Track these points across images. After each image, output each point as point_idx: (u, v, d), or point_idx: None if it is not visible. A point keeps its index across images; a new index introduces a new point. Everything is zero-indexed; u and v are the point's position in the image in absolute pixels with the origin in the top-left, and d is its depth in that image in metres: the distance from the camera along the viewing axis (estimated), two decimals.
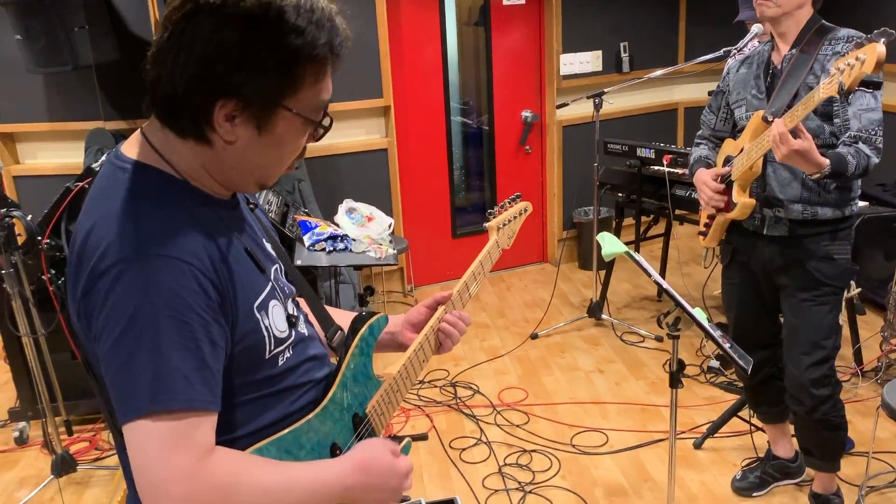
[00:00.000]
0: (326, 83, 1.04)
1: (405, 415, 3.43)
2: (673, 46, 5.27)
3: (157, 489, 0.94)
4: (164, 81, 0.98)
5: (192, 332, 0.95)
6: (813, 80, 2.18)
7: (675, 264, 4.77)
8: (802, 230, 2.29)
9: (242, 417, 1.07)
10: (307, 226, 3.22)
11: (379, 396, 1.29)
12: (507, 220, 1.57)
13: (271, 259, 1.18)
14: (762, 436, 3.04)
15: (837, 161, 2.06)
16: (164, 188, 1.02)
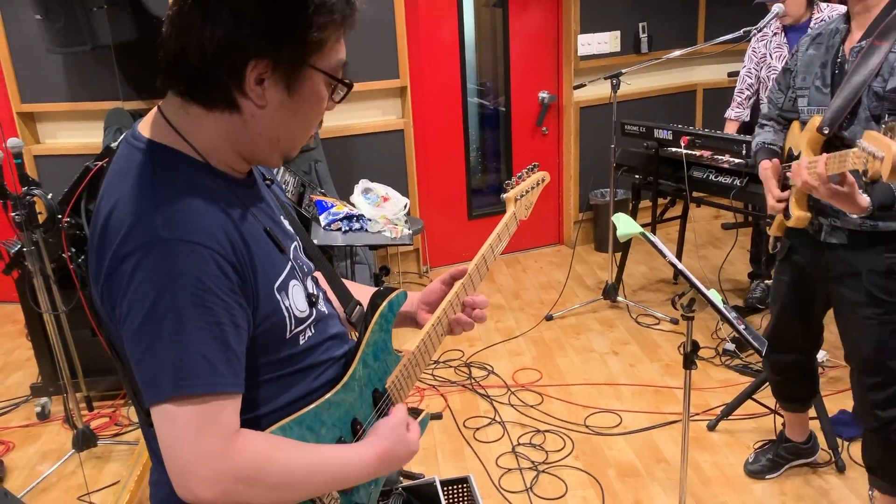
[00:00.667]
0: (342, 43, 1.07)
1: (420, 394, 3.46)
2: (692, 27, 5.20)
3: (185, 471, 0.96)
4: (192, 51, 0.98)
5: (214, 315, 0.96)
6: (879, 84, 1.93)
7: (691, 247, 4.75)
8: (862, 241, 2.08)
9: (265, 395, 1.09)
10: (323, 206, 3.23)
11: (398, 371, 1.30)
12: (525, 192, 1.56)
13: (290, 236, 1.19)
14: (778, 419, 3.04)
15: (883, 196, 1.86)
16: (181, 169, 1.02)
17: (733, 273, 4.47)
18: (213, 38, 0.96)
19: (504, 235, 1.49)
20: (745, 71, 3.93)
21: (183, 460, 0.96)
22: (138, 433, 3.23)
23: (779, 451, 2.75)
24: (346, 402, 1.19)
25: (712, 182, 3.70)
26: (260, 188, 1.17)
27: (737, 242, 4.28)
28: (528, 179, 1.57)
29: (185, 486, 0.96)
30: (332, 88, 1.08)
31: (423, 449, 3.07)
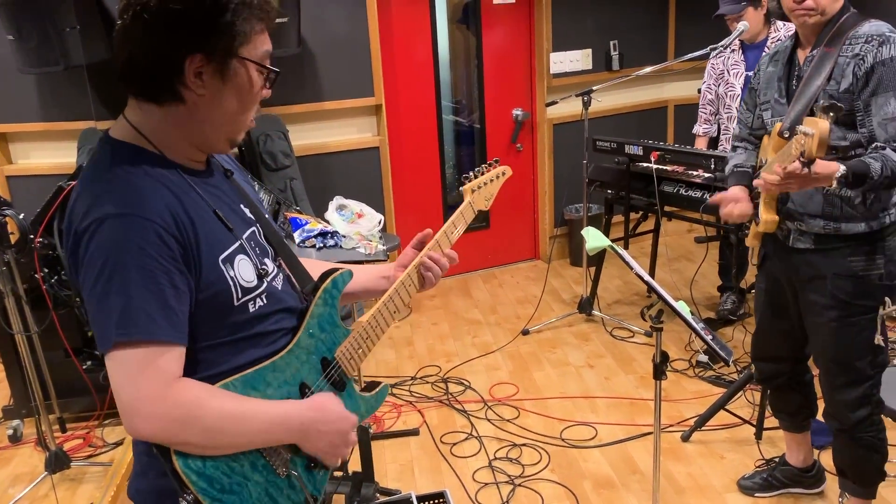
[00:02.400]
0: (266, 35, 1.24)
1: (397, 410, 3.46)
2: (662, 44, 5.31)
3: (128, 408, 1.13)
4: (137, 57, 1.16)
5: (154, 277, 1.12)
6: (833, 87, 2.03)
7: (664, 260, 4.82)
8: (827, 245, 2.14)
9: (217, 358, 1.23)
10: (297, 223, 3.25)
11: (348, 343, 1.43)
12: (483, 183, 1.68)
13: (247, 221, 1.34)
14: (749, 429, 3.09)
15: (856, 165, 1.90)
16: (137, 159, 1.19)
17: (706, 286, 4.53)
18: (153, 43, 1.14)
19: (459, 222, 1.64)
20: (705, 87, 4.02)
21: (127, 399, 1.12)
22: (113, 454, 3.20)
23: (774, 473, 2.71)
24: (293, 366, 1.32)
25: (682, 196, 3.76)
26: (217, 178, 1.33)
27: (708, 255, 4.34)
28: (487, 173, 1.69)
29: (129, 422, 1.13)
30: (263, 75, 1.24)
31: (399, 465, 3.07)
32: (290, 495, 1.32)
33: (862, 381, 2.21)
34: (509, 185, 5.68)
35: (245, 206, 1.36)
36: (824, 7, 2.04)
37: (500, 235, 5.25)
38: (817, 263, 2.18)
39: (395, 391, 3.65)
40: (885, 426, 2.30)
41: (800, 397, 2.55)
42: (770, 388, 2.62)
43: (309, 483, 1.36)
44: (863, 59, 1.99)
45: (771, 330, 2.48)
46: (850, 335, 2.18)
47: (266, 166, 4.09)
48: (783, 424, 2.66)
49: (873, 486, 2.36)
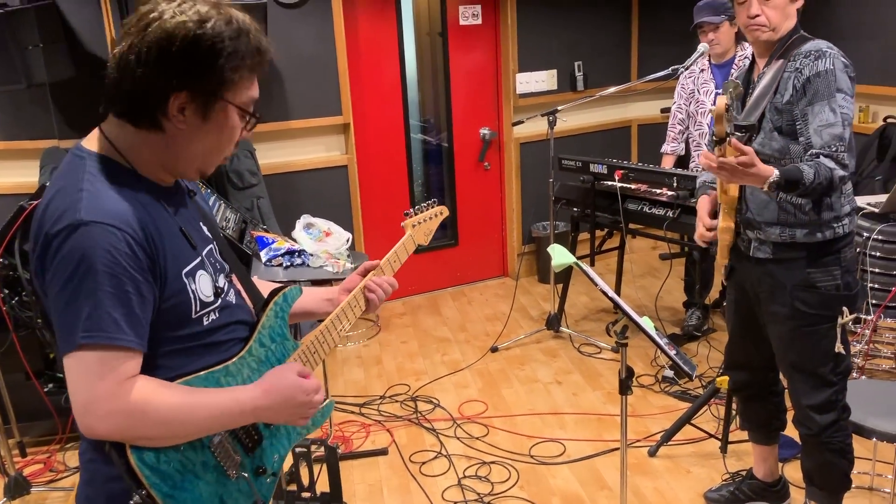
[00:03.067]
0: (255, 83, 1.30)
1: (365, 430, 3.44)
2: (626, 65, 5.41)
3: (84, 408, 1.16)
4: (127, 83, 1.21)
5: (122, 284, 1.16)
6: (778, 99, 2.14)
7: (629, 277, 4.88)
8: (784, 254, 2.21)
9: (173, 363, 1.28)
10: (264, 241, 3.23)
11: (296, 355, 1.50)
12: (422, 220, 1.84)
13: (205, 239, 1.41)
14: (714, 443, 3.13)
15: (789, 171, 1.99)
16: (110, 172, 1.24)
17: (671, 302, 4.60)
18: (144, 75, 1.19)
19: (401, 253, 1.77)
20: (675, 107, 4.11)
21: (82, 399, 1.16)
22: (74, 478, 3.13)
23: (741, 486, 2.74)
24: (244, 373, 1.39)
25: (646, 214, 3.83)
26: (183, 197, 1.39)
27: (672, 272, 4.42)
28: (427, 211, 1.86)
29: (84, 421, 1.17)
30: (244, 120, 1.30)
31: (368, 485, 3.06)
32: (238, 499, 1.37)
33: (826, 387, 2.27)
34: (477, 203, 5.70)
35: (204, 225, 1.43)
36: (776, 24, 2.15)
37: (468, 253, 5.28)
38: (778, 275, 2.25)
39: (364, 410, 3.63)
40: (854, 437, 2.35)
41: (770, 408, 2.60)
42: (741, 398, 2.66)
43: (257, 488, 1.41)
44: (801, 72, 2.10)
45: (742, 339, 2.53)
46: (811, 344, 2.24)
47: (233, 185, 4.07)
48: (752, 437, 2.70)
49: (839, 494, 2.40)
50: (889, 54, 3.67)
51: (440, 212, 1.91)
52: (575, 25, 5.12)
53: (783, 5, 2.15)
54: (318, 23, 4.34)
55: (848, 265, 2.21)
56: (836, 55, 2.10)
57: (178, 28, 1.19)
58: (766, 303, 2.32)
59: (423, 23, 4.90)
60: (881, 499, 2.75)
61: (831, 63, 2.08)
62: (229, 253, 1.49)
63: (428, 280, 5.15)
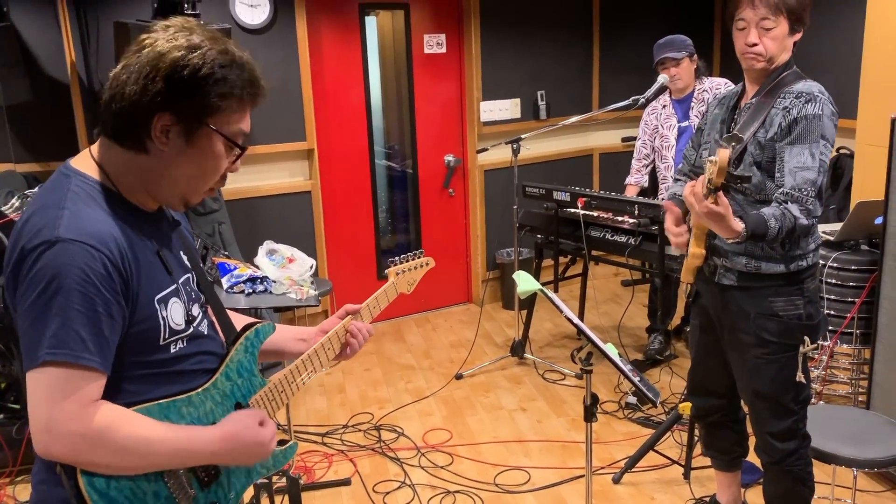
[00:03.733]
0: (246, 116, 1.31)
1: (328, 460, 3.39)
2: (587, 95, 5.51)
3: (42, 427, 1.15)
4: (117, 100, 1.23)
5: (93, 304, 1.16)
6: (762, 134, 2.15)
7: (592, 303, 4.92)
8: (749, 283, 2.23)
9: (137, 388, 1.27)
10: (226, 268, 3.19)
11: (262, 393, 1.48)
12: (406, 269, 1.84)
13: (184, 268, 1.40)
14: (677, 469, 3.15)
15: (756, 224, 2.00)
16: (93, 192, 1.25)
17: (633, 328, 4.64)
18: (132, 93, 1.22)
19: (382, 300, 1.76)
20: (640, 143, 4.19)
21: (43, 418, 1.14)
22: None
23: None
24: (207, 405, 1.36)
25: (609, 241, 3.87)
26: (165, 225, 1.39)
27: (634, 298, 4.46)
28: (413, 261, 1.85)
29: (41, 441, 1.16)
30: (229, 151, 1.31)
31: None
32: None
33: (787, 416, 2.29)
34: (442, 229, 5.71)
35: (184, 254, 1.43)
36: (772, 55, 2.16)
37: (433, 279, 5.24)
38: (741, 302, 2.27)
39: (327, 440, 3.57)
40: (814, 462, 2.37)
41: (733, 435, 2.61)
42: (704, 424, 2.66)
43: None
44: (789, 112, 2.12)
45: (706, 365, 2.54)
46: (772, 372, 2.26)
47: (194, 210, 4.01)
48: (715, 463, 2.71)
49: None
50: (841, 88, 3.80)
51: (426, 262, 1.90)
52: (538, 55, 5.20)
53: (782, 37, 2.15)
54: (282, 48, 4.33)
55: (811, 295, 2.25)
56: (826, 101, 2.12)
57: (169, 50, 1.22)
58: (730, 330, 2.34)
59: (388, 50, 4.93)
60: None
61: (820, 108, 2.10)
62: (207, 284, 1.48)
63: (392, 306, 5.06)
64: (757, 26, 2.14)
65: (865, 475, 2.99)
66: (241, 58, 1.28)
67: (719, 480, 2.73)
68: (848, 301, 3.26)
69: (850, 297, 3.26)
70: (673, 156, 4.01)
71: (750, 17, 2.14)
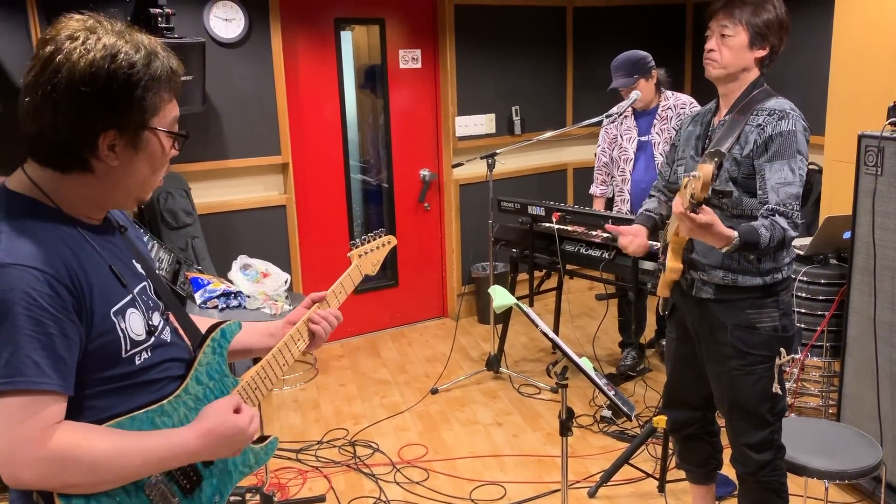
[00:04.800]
0: (174, 102, 1.30)
1: (302, 477, 3.35)
2: (561, 111, 5.56)
3: (6, 457, 1.12)
4: (48, 133, 1.18)
5: (44, 327, 1.13)
6: (738, 151, 2.18)
7: (567, 317, 4.94)
8: (726, 295, 2.26)
9: (104, 404, 1.24)
10: (199, 283, 3.15)
11: (235, 392, 1.45)
12: (369, 250, 1.82)
13: (138, 276, 1.37)
14: (652, 482, 3.16)
15: (748, 233, 2.03)
16: (33, 213, 1.21)
17: (607, 342, 4.66)
18: (66, 123, 1.17)
19: (347, 284, 1.74)
20: (599, 150, 4.23)
21: (4, 447, 1.11)
22: None
23: None
24: (180, 411, 1.34)
25: (583, 255, 3.90)
26: (113, 234, 1.36)
27: (608, 312, 4.49)
28: (374, 241, 1.84)
29: (7, 470, 1.13)
30: (172, 140, 1.30)
31: None
32: None
33: (763, 427, 2.31)
34: (418, 243, 5.69)
35: (137, 262, 1.40)
36: (727, 63, 2.22)
37: (408, 293, 5.26)
38: (718, 315, 2.29)
39: (301, 456, 3.54)
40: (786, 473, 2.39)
41: (708, 448, 2.62)
42: (679, 437, 2.67)
43: None
44: (763, 129, 2.16)
45: (682, 378, 2.56)
46: (749, 383, 2.28)
47: (167, 224, 3.97)
48: (690, 476, 2.72)
49: None
50: (809, 105, 3.89)
51: (388, 241, 1.88)
52: (512, 71, 5.24)
53: (738, 49, 2.21)
54: (257, 62, 4.32)
55: (786, 308, 2.28)
56: (798, 118, 2.17)
57: (89, 68, 1.15)
58: (707, 342, 2.36)
59: (363, 65, 4.93)
60: None
61: (793, 125, 2.15)
62: (165, 290, 1.45)
63: (367, 321, 5.10)
64: (717, 34, 2.24)
65: (836, 487, 3.02)
66: (154, 47, 1.24)
67: (694, 493, 2.74)
68: (818, 314, 3.31)
69: (819, 311, 3.31)
70: (630, 169, 4.04)
71: (714, 26, 2.26)
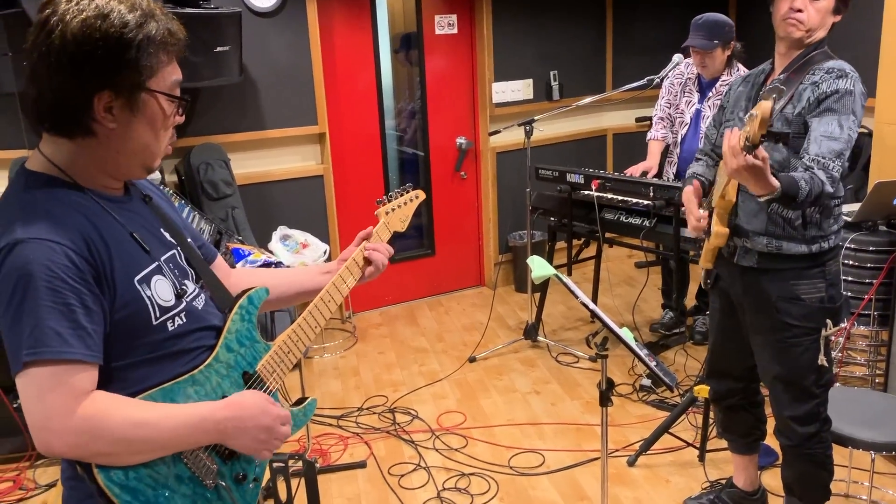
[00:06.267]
0: (175, 65, 1.28)
1: (343, 443, 3.41)
2: (601, 75, 5.45)
3: (39, 426, 1.14)
4: (45, 95, 1.19)
5: (64, 298, 1.14)
6: (790, 110, 2.12)
7: (606, 286, 4.90)
8: (769, 264, 2.21)
9: (137, 375, 1.25)
10: (240, 253, 3.19)
11: (269, 357, 1.46)
12: (396, 207, 1.79)
13: (167, 245, 1.38)
14: (692, 451, 3.14)
15: (788, 184, 1.95)
16: (50, 188, 1.22)
17: (647, 310, 4.62)
18: (60, 83, 1.17)
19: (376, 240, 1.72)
20: (663, 102, 4.07)
21: (37, 417, 1.13)
22: (45, 496, 3.06)
23: (720, 495, 2.73)
24: (213, 380, 1.35)
25: (623, 223, 3.84)
26: (136, 203, 1.37)
27: (649, 280, 4.44)
28: (400, 197, 1.81)
29: (41, 440, 1.14)
30: (173, 105, 1.28)
31: (346, 499, 3.02)
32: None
33: (809, 399, 2.27)
34: (454, 212, 5.66)
35: (165, 231, 1.40)
36: (813, 26, 2.12)
37: (445, 263, 5.27)
38: (763, 285, 2.24)
39: (342, 423, 3.59)
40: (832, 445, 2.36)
41: (751, 418, 2.59)
42: (722, 408, 2.64)
43: (239, 496, 1.37)
44: (818, 86, 2.08)
45: (725, 348, 2.52)
46: (794, 355, 2.24)
47: (207, 195, 4.02)
48: (732, 446, 2.70)
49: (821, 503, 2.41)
50: (860, 66, 3.76)
51: (416, 196, 1.85)
52: (550, 35, 5.14)
53: (825, 11, 2.11)
54: (293, 32, 4.31)
55: (833, 278, 2.22)
56: (857, 80, 2.09)
57: (82, 28, 1.15)
58: (751, 313, 2.32)
59: (398, 32, 4.89)
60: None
61: (852, 85, 2.06)
62: (197, 258, 1.45)
63: (405, 290, 5.12)
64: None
65: (883, 458, 2.97)
66: (151, 8, 1.23)
67: (736, 463, 2.72)
68: (866, 282, 3.23)
69: (867, 279, 3.23)
70: (684, 133, 3.95)
71: None
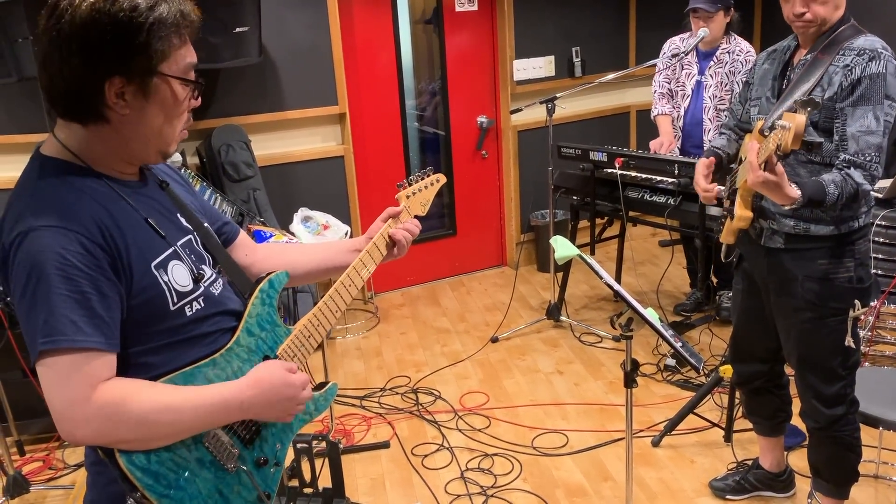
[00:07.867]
0: (189, 47, 1.25)
1: (367, 423, 3.42)
2: (624, 51, 5.36)
3: (60, 415, 1.14)
4: (57, 80, 1.17)
5: (78, 285, 1.13)
6: (819, 93, 2.04)
7: (630, 265, 4.86)
8: (797, 245, 2.16)
9: (158, 361, 1.25)
10: (262, 235, 3.20)
11: (290, 341, 1.46)
12: (417, 190, 1.78)
13: (183, 230, 1.37)
14: (718, 432, 3.11)
15: (814, 191, 1.94)
16: (64, 174, 1.21)
17: (671, 289, 4.57)
18: (70, 69, 1.16)
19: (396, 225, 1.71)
20: (662, 78, 3.99)
21: (57, 406, 1.13)
22: (74, 476, 3.11)
23: (747, 476, 2.72)
24: (233, 364, 1.35)
25: (647, 201, 3.79)
26: (151, 189, 1.35)
27: (673, 259, 4.39)
28: (421, 181, 1.79)
29: (64, 429, 1.15)
30: (187, 88, 1.26)
31: (370, 479, 3.04)
32: (240, 492, 1.34)
33: (835, 381, 2.23)
34: (476, 192, 5.63)
35: (181, 216, 1.39)
36: (823, 18, 2.06)
37: (467, 242, 5.24)
38: (789, 266, 2.20)
39: (365, 403, 3.61)
40: (860, 426, 2.32)
41: (776, 400, 2.56)
42: (746, 390, 2.61)
43: (260, 480, 1.38)
44: (851, 70, 2.01)
45: (748, 330, 2.49)
46: (821, 336, 2.20)
47: (228, 177, 4.03)
48: (757, 428, 2.67)
49: (847, 486, 2.38)
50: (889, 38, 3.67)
51: (437, 179, 1.83)
52: (572, 11, 5.06)
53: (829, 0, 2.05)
54: (312, 11, 4.28)
55: (862, 258, 2.16)
56: (891, 58, 2.01)
57: (90, 12, 1.13)
58: (776, 294, 2.27)
59: (419, 10, 4.83)
60: (887, 486, 2.73)
61: (884, 66, 1.99)
62: (215, 243, 1.45)
63: (426, 270, 5.11)
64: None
65: None
66: None
67: (762, 444, 2.69)
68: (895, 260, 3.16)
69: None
70: (686, 105, 3.87)
71: None
